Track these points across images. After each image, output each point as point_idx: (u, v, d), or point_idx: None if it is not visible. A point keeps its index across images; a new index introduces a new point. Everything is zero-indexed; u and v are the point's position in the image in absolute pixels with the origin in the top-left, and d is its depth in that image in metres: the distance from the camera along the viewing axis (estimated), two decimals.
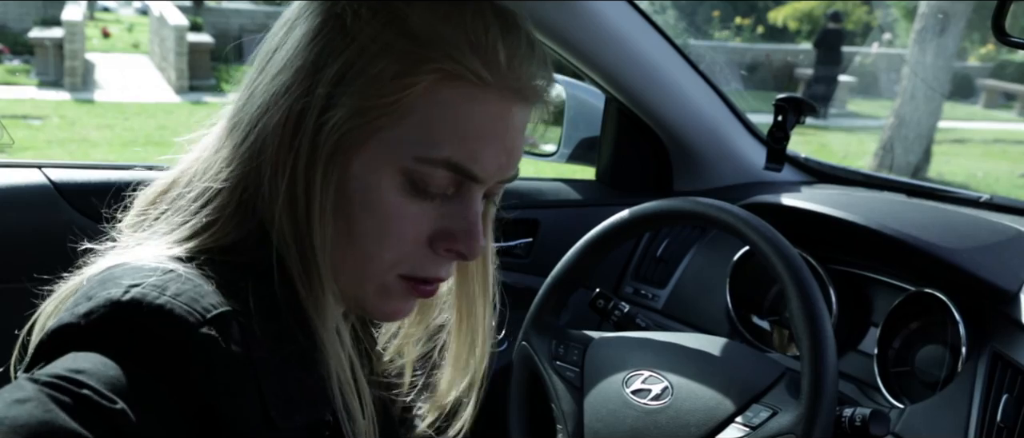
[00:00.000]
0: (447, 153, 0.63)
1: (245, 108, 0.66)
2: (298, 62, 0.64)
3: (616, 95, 1.55)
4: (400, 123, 0.63)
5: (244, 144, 0.65)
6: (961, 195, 1.53)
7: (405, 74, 0.62)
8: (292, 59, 0.64)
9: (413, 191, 0.64)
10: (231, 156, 0.66)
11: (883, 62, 11.83)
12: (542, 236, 1.56)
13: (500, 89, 0.64)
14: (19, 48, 10.35)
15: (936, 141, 7.87)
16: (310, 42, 0.64)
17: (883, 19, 12.14)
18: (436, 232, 0.66)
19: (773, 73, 12.18)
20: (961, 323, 1.10)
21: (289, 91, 0.63)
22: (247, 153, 0.65)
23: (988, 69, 12.54)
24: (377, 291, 0.68)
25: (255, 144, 0.64)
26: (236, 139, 0.66)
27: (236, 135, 0.66)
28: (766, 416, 0.98)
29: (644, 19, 1.45)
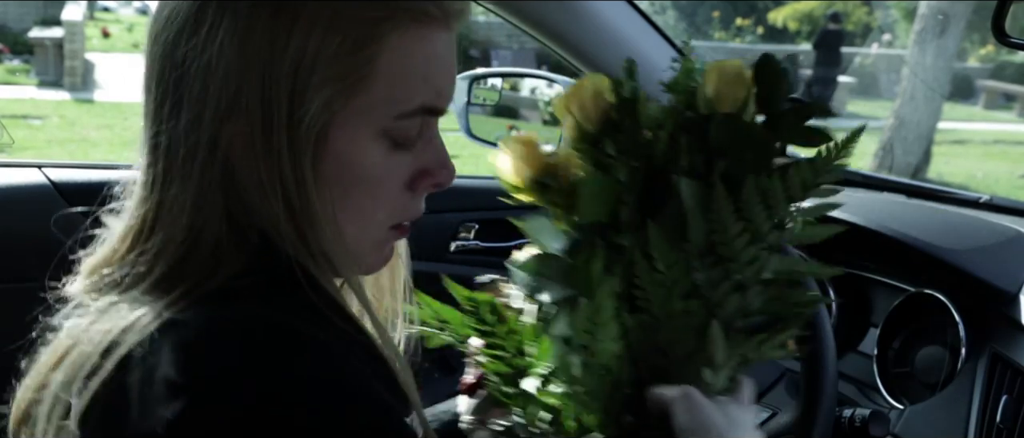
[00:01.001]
0: (419, 100, 0.63)
1: (183, 136, 0.60)
2: (238, 66, 0.58)
3: None
4: (371, 89, 0.61)
5: (207, 169, 0.60)
6: (961, 196, 1.53)
7: (365, 41, 0.60)
8: (228, 66, 0.58)
9: (394, 146, 0.64)
10: (198, 186, 0.60)
11: (883, 63, 11.84)
12: None
13: (442, 21, 0.63)
14: (19, 48, 10.35)
15: (936, 142, 7.87)
16: (243, 43, 0.58)
17: (883, 20, 12.15)
18: (415, 174, 0.66)
19: None
20: (961, 324, 1.10)
21: (241, 99, 0.59)
22: (216, 177, 0.60)
23: (988, 70, 12.55)
24: (373, 248, 0.68)
25: (219, 164, 0.60)
26: (191, 168, 0.60)
27: (189, 165, 0.60)
28: (766, 416, 0.98)
29: (644, 20, 1.45)
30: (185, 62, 0.59)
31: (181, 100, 0.60)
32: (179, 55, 0.59)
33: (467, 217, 1.53)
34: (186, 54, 0.59)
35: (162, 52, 0.60)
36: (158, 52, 0.61)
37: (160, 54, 0.61)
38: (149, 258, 0.61)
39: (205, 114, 0.59)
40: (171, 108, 0.60)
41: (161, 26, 0.61)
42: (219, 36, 0.58)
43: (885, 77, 11.32)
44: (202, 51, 0.58)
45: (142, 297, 0.60)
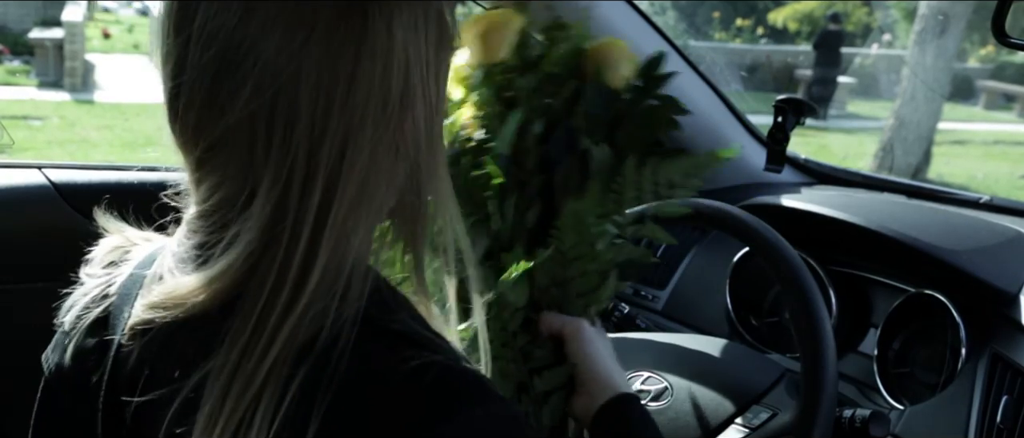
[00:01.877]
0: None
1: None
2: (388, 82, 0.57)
3: None
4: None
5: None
6: (961, 196, 1.53)
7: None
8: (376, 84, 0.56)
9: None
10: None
11: (883, 63, 11.83)
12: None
13: None
14: (19, 49, 10.35)
15: (936, 142, 7.87)
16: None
17: (883, 20, 12.15)
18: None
19: (773, 74, 12.18)
20: (961, 324, 1.10)
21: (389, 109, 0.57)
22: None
23: (988, 70, 12.54)
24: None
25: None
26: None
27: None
28: (766, 417, 0.98)
29: (644, 20, 1.45)
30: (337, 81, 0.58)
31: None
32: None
33: None
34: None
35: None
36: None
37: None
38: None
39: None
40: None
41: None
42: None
43: (885, 77, 11.31)
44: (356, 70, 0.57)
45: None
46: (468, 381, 0.57)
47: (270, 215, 0.55)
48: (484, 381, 0.58)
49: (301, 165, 0.54)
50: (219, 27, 0.54)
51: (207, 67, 0.55)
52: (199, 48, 0.55)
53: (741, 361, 1.08)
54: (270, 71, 0.54)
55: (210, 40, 0.55)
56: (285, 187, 0.55)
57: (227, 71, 0.55)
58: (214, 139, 0.57)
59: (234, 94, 0.55)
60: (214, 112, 0.56)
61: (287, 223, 0.55)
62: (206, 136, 0.57)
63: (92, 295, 0.67)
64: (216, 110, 0.56)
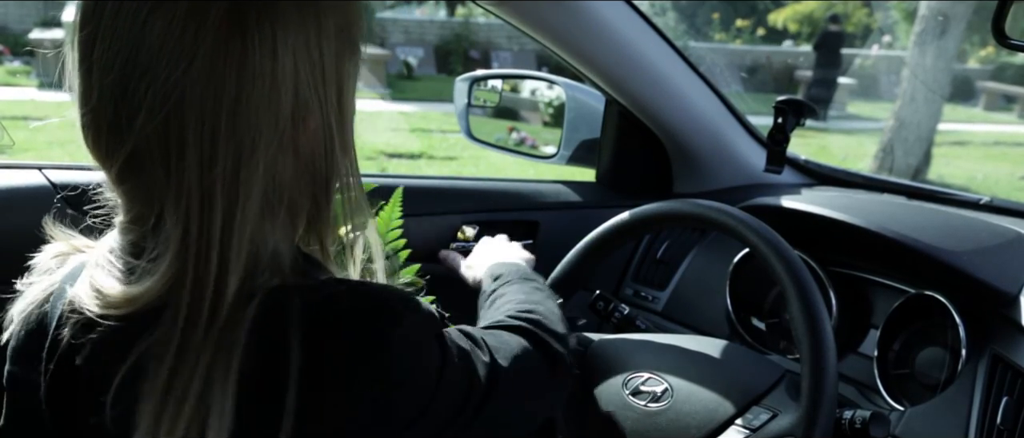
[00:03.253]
0: None
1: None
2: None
3: (616, 97, 1.55)
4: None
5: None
6: (961, 197, 1.53)
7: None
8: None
9: None
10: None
11: (883, 64, 11.83)
12: (542, 237, 1.57)
13: None
14: (20, 49, 10.35)
15: (936, 143, 7.87)
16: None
17: (883, 21, 12.15)
18: None
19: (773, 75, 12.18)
20: (961, 325, 1.10)
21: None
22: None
23: (988, 71, 12.55)
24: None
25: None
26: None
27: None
28: (766, 418, 0.98)
29: (644, 21, 1.45)
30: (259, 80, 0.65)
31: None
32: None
33: (467, 218, 1.54)
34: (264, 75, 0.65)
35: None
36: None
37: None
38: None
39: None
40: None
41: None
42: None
43: (885, 78, 11.31)
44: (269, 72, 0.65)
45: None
46: (401, 294, 0.66)
47: (180, 237, 0.60)
48: (409, 294, 0.67)
49: (196, 187, 0.59)
50: (115, 56, 0.60)
51: (108, 95, 0.61)
52: (100, 76, 0.61)
53: (741, 362, 1.08)
54: (160, 97, 0.59)
55: (108, 69, 0.60)
56: (186, 209, 0.59)
57: (124, 98, 0.60)
58: (122, 163, 0.62)
59: (132, 120, 0.60)
60: (117, 138, 0.61)
61: (195, 242, 0.59)
62: (115, 160, 0.63)
63: (29, 300, 0.71)
64: (119, 136, 0.61)
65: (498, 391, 0.73)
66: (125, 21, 0.59)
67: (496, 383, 0.73)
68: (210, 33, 0.58)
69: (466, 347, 0.72)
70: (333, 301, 0.62)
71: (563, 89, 1.65)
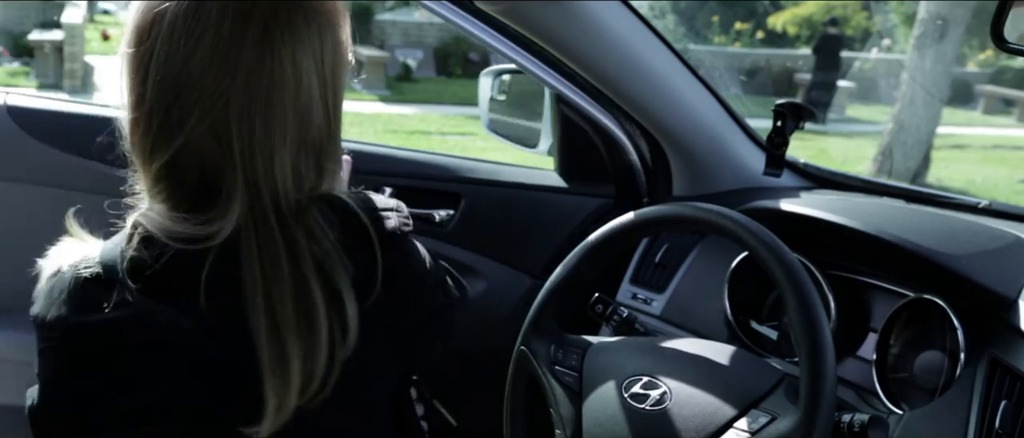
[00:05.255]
0: None
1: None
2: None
3: (616, 100, 1.55)
4: None
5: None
6: (960, 201, 1.53)
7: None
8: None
9: None
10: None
11: (882, 67, 11.85)
12: (464, 209, 1.66)
13: None
14: (19, 50, 10.35)
15: (935, 146, 7.88)
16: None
17: (882, 24, 12.16)
18: None
19: (772, 78, 12.19)
20: (960, 329, 1.10)
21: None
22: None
23: (987, 75, 12.56)
24: None
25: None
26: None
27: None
28: (765, 421, 0.98)
29: (643, 24, 1.45)
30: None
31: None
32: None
33: (388, 181, 1.66)
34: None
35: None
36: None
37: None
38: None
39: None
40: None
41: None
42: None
43: (884, 82, 11.33)
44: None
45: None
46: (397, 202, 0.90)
47: (240, 210, 0.77)
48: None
49: (241, 171, 0.76)
50: (170, 68, 0.75)
51: (162, 100, 0.76)
52: (155, 85, 0.76)
53: (740, 365, 1.08)
54: (209, 103, 0.75)
55: (164, 78, 0.76)
56: (237, 182, 0.77)
57: (177, 102, 0.76)
58: (169, 158, 0.77)
59: (183, 121, 0.76)
60: (167, 135, 0.77)
61: (252, 201, 0.77)
62: (162, 154, 0.77)
63: (66, 261, 0.83)
64: (169, 133, 0.77)
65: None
66: (179, 40, 0.75)
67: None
68: (249, 51, 0.75)
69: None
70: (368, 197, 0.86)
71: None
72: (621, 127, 1.60)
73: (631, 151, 1.62)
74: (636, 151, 1.63)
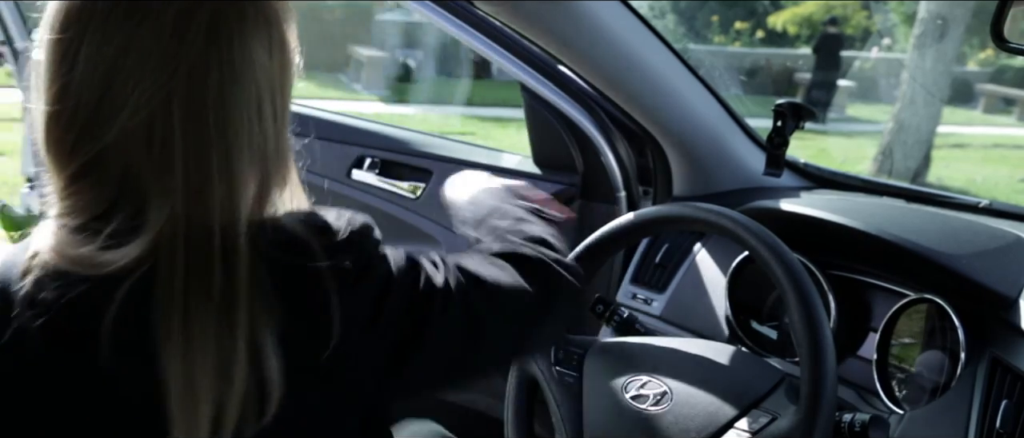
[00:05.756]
0: None
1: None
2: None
3: (616, 100, 1.55)
4: None
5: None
6: (960, 200, 1.53)
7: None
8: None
9: None
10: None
11: (882, 67, 11.84)
12: (433, 185, 1.79)
13: None
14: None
15: (935, 146, 7.87)
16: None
17: (882, 24, 12.15)
18: None
19: (772, 78, 12.18)
20: (960, 329, 1.10)
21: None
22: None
23: (987, 74, 12.55)
24: None
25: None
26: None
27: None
28: (765, 421, 0.98)
29: (643, 24, 1.45)
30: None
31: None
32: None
33: (367, 152, 1.83)
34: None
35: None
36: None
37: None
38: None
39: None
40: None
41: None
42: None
43: (885, 81, 11.32)
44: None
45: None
46: (365, 220, 0.78)
47: (169, 217, 0.68)
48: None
49: (182, 177, 0.68)
50: (103, 58, 0.67)
51: (93, 90, 0.67)
52: (83, 75, 0.67)
53: (740, 365, 1.08)
54: (146, 96, 0.67)
55: (94, 68, 0.67)
56: (175, 194, 0.68)
57: (108, 96, 0.67)
58: (90, 157, 0.69)
59: (114, 117, 0.67)
60: (93, 133, 0.68)
61: (185, 221, 0.68)
62: (84, 154, 0.69)
63: None
64: (95, 131, 0.68)
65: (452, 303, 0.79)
66: (114, 26, 0.67)
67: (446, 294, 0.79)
68: (195, 43, 0.68)
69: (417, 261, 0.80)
70: (323, 221, 0.75)
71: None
72: (591, 119, 1.65)
73: (601, 142, 1.66)
74: (608, 143, 1.67)
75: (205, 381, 0.66)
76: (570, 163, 1.75)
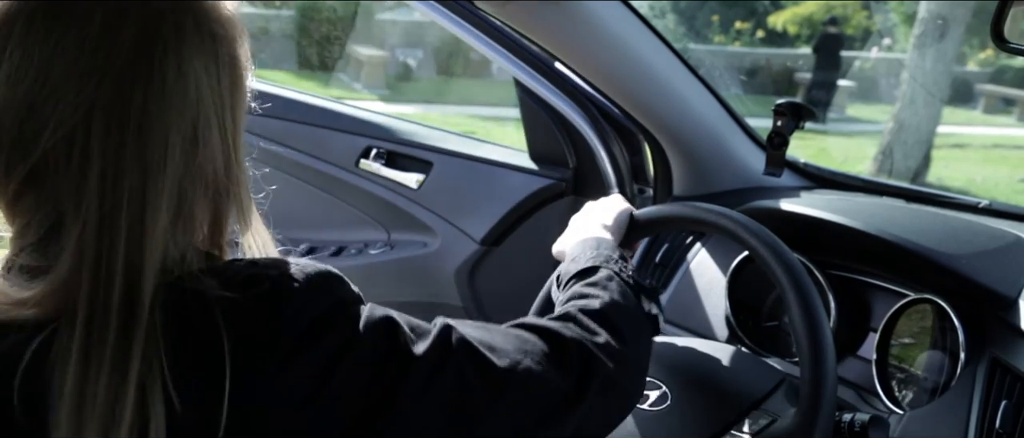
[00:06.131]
0: None
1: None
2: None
3: (616, 100, 1.55)
4: None
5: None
6: (960, 200, 1.53)
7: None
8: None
9: None
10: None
11: (882, 67, 11.84)
12: (433, 177, 1.86)
13: None
14: None
15: (935, 146, 7.87)
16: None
17: (882, 24, 12.15)
18: None
19: (772, 77, 12.18)
20: (960, 329, 1.10)
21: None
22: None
23: (987, 74, 12.55)
24: None
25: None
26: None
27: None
28: (765, 422, 0.98)
29: (643, 23, 1.45)
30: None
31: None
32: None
33: (373, 143, 1.90)
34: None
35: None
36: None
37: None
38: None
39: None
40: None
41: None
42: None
43: (885, 81, 11.32)
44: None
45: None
46: (323, 272, 0.67)
47: (75, 248, 0.61)
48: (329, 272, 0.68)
49: (99, 199, 0.61)
50: (24, 74, 0.62)
51: (14, 111, 0.62)
52: (6, 93, 0.63)
53: (740, 366, 1.08)
54: (68, 111, 0.61)
55: (15, 86, 0.62)
56: (85, 220, 0.61)
57: (32, 114, 0.62)
58: (22, 179, 0.64)
59: (38, 135, 0.62)
60: (20, 152, 0.63)
61: (94, 251, 0.61)
62: (15, 177, 0.64)
63: None
64: (22, 150, 0.63)
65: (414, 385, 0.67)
66: (36, 40, 0.62)
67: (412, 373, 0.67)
68: (121, 55, 0.62)
69: (392, 327, 0.68)
70: (253, 274, 0.65)
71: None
72: (585, 117, 1.67)
73: (594, 139, 1.68)
74: (601, 140, 1.68)
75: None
76: (564, 159, 1.78)
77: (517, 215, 1.82)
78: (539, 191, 1.80)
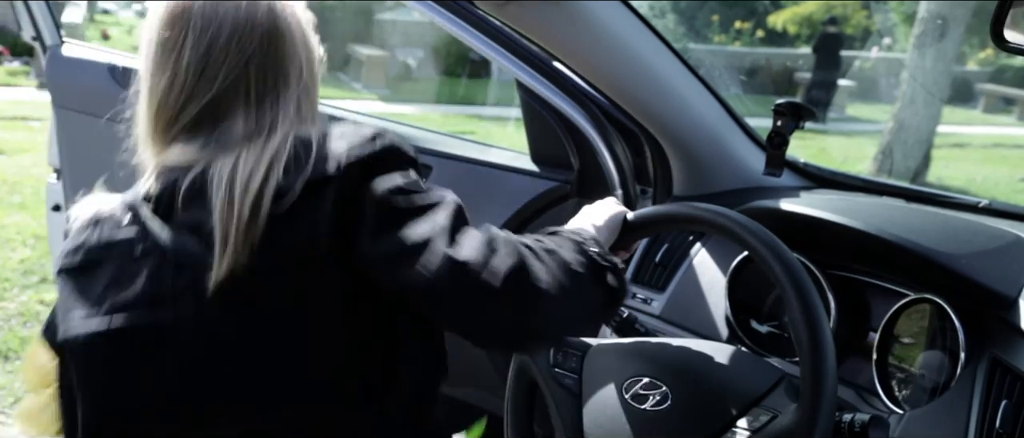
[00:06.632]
0: None
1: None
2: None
3: (616, 100, 1.55)
4: None
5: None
6: (960, 200, 1.53)
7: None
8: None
9: None
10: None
11: (882, 66, 11.84)
12: (433, 180, 1.83)
13: None
14: (19, 50, 10.35)
15: (935, 145, 7.87)
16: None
17: (882, 24, 12.16)
18: None
19: (772, 77, 12.18)
20: (960, 329, 1.10)
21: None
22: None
23: (987, 73, 12.55)
24: None
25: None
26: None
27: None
28: (766, 419, 0.98)
29: (643, 23, 1.45)
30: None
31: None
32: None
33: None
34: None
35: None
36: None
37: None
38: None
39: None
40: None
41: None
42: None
43: (885, 81, 11.33)
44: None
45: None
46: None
47: (252, 130, 0.96)
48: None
49: (259, 112, 0.96)
50: (202, 42, 0.95)
51: (195, 66, 0.95)
52: (190, 56, 0.95)
53: (740, 365, 1.08)
54: (234, 63, 0.95)
55: (196, 50, 0.95)
56: (261, 125, 0.96)
57: (207, 66, 0.95)
58: (200, 109, 0.95)
59: (212, 80, 0.95)
60: (197, 93, 0.95)
61: (266, 136, 0.95)
62: (193, 109, 0.95)
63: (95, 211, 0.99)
64: (198, 91, 0.95)
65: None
66: (207, 20, 0.95)
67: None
68: (261, 24, 0.96)
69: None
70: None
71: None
72: (587, 117, 1.65)
73: (597, 140, 1.66)
74: (604, 141, 1.67)
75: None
76: (567, 161, 1.75)
77: (522, 219, 1.79)
78: (544, 194, 1.78)
